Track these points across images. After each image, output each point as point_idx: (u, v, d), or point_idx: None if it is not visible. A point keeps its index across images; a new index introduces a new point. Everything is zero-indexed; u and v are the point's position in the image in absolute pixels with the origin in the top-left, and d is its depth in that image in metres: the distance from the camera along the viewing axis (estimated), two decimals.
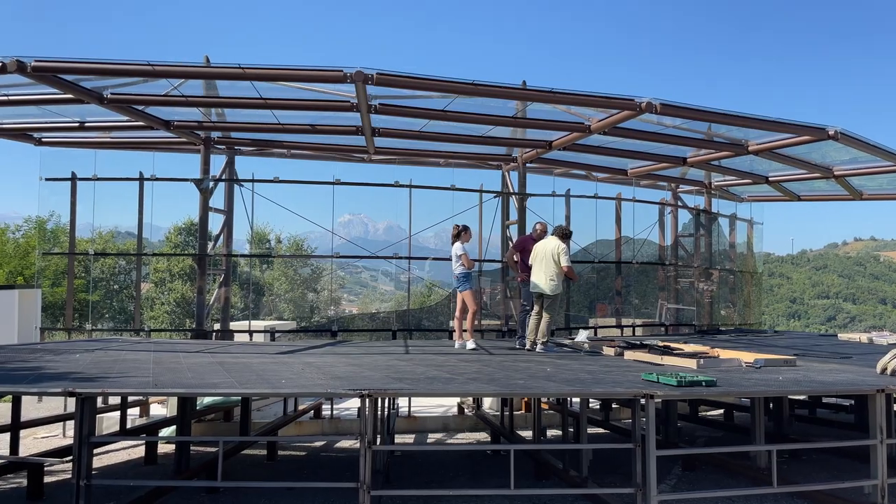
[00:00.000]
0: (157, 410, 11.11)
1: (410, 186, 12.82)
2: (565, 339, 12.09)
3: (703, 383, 6.10)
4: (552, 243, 9.68)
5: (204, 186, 12.10)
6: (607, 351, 9.60)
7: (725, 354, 8.38)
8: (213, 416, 10.25)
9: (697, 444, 9.79)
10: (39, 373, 6.70)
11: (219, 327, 12.97)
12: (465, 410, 11.41)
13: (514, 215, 13.35)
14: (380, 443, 6.76)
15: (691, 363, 7.63)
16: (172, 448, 8.97)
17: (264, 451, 9.17)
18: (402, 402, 11.21)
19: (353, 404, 11.47)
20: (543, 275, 9.60)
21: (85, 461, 5.41)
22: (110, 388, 5.99)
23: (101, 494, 6.56)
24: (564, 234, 9.87)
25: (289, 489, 7.19)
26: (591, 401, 10.45)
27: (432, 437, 10.70)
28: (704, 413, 11.65)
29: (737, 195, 17.28)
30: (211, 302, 12.82)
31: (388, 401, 8.39)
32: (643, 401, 5.72)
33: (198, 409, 9.53)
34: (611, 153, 12.56)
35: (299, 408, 10.59)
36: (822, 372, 7.39)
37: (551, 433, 10.22)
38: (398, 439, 10.06)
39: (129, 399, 9.74)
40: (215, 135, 12.31)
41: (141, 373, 6.86)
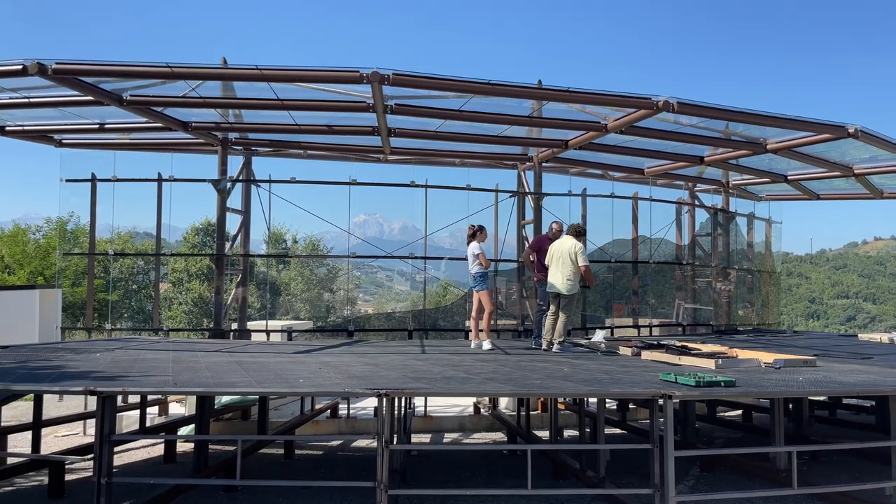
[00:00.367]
0: (176, 409, 11.21)
1: (426, 186, 12.84)
2: (582, 339, 12.05)
3: (722, 384, 6.05)
4: (568, 243, 9.63)
5: (221, 187, 12.19)
6: (624, 351, 9.55)
7: (744, 355, 8.31)
8: (230, 415, 10.33)
9: (715, 445, 9.73)
10: (61, 372, 6.78)
11: (236, 327, 13.06)
12: (482, 410, 11.40)
13: (529, 215, 13.33)
14: (396, 442, 6.78)
15: (709, 363, 7.58)
16: (191, 447, 9.05)
17: (281, 451, 9.23)
18: (419, 402, 11.24)
19: (370, 404, 11.51)
20: (560, 274, 9.55)
21: (106, 459, 5.46)
22: (131, 386, 6.06)
23: (121, 492, 6.61)
24: (578, 232, 9.80)
25: (306, 488, 7.23)
26: (607, 401, 10.41)
27: (448, 437, 10.70)
28: (722, 414, 11.55)
29: (755, 194, 17.13)
30: (228, 302, 12.91)
31: (404, 400, 8.41)
32: (661, 401, 5.68)
33: (216, 408, 9.60)
34: (627, 152, 12.50)
35: (316, 407, 10.63)
36: (843, 373, 7.30)
37: (568, 433, 10.20)
38: (414, 439, 10.08)
39: (149, 398, 9.84)
40: (233, 136, 12.39)
41: (160, 372, 6.92)
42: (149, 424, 9.83)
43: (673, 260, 16.07)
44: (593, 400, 7.90)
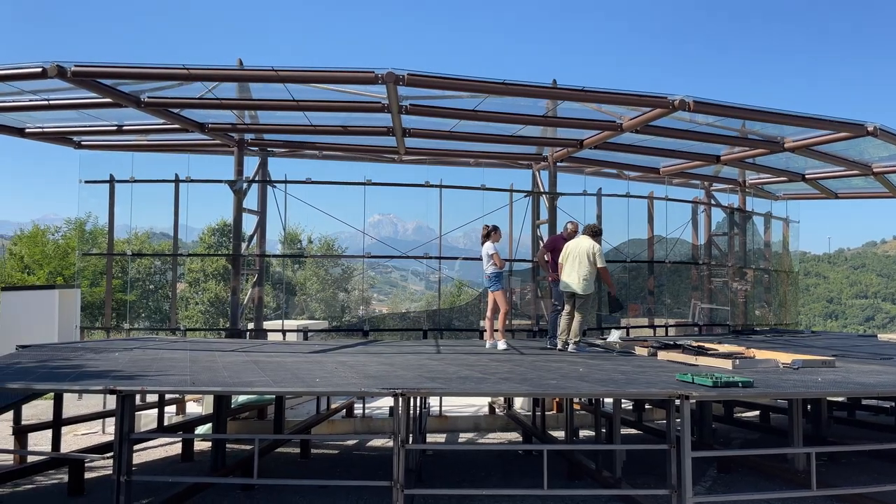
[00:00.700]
0: (193, 408, 11.31)
1: (441, 186, 12.85)
2: (597, 339, 12.01)
3: (740, 384, 6.01)
4: (585, 243, 9.57)
5: (238, 187, 12.28)
6: (640, 351, 9.51)
7: (761, 355, 8.24)
8: (247, 415, 10.40)
9: (733, 446, 9.66)
10: (81, 371, 6.86)
11: (252, 326, 13.14)
12: (497, 410, 11.40)
13: (544, 215, 13.30)
14: (412, 442, 6.79)
15: (726, 364, 7.52)
16: (208, 445, 9.12)
17: (298, 450, 9.28)
18: (433, 402, 11.25)
19: (385, 403, 11.54)
20: (576, 274, 9.51)
21: (125, 457, 5.52)
22: (149, 386, 6.11)
23: (140, 490, 6.69)
24: (595, 232, 9.75)
25: (323, 487, 7.27)
26: (623, 401, 10.38)
27: (463, 437, 10.71)
28: (740, 414, 11.48)
29: (772, 193, 16.99)
30: (245, 301, 12.99)
31: (419, 400, 8.42)
32: (678, 401, 5.66)
33: (232, 407, 9.66)
34: (643, 151, 12.45)
35: (332, 406, 10.67)
36: (862, 373, 7.22)
37: (583, 433, 10.17)
38: (429, 438, 10.10)
39: (166, 397, 9.93)
40: (248, 137, 12.47)
41: (178, 371, 6.98)
42: (166, 423, 9.92)
43: (689, 260, 15.99)
44: (609, 400, 7.88)
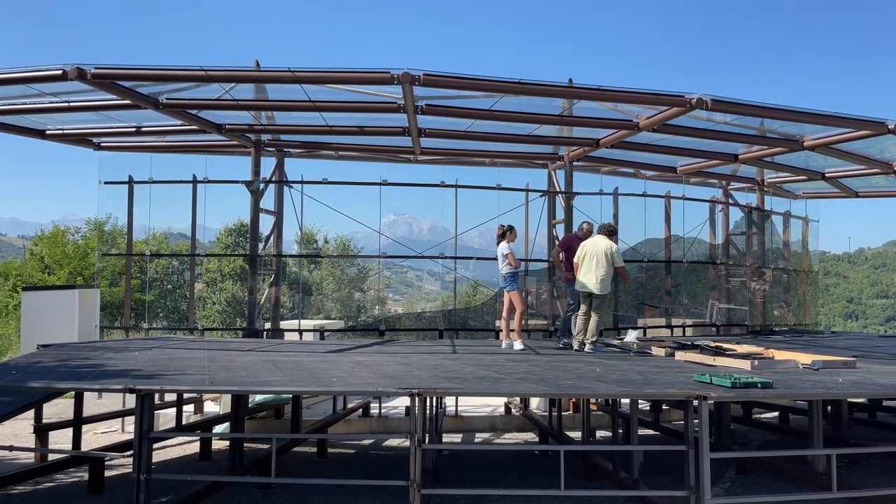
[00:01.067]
0: (211, 407, 11.39)
1: (456, 186, 12.84)
2: (614, 339, 11.96)
3: (759, 385, 5.96)
4: (602, 242, 9.57)
5: (255, 188, 12.34)
6: (657, 351, 9.46)
7: (781, 356, 8.17)
8: (264, 414, 10.45)
9: (751, 448, 9.59)
10: (101, 370, 6.93)
11: (269, 326, 13.21)
12: (513, 410, 11.38)
13: (560, 214, 13.25)
14: (428, 442, 6.80)
15: (745, 364, 7.47)
16: (225, 444, 9.18)
17: (314, 449, 9.32)
18: (449, 402, 11.25)
19: (401, 403, 11.57)
20: (593, 274, 9.49)
21: (145, 455, 5.58)
22: (168, 385, 6.16)
23: (159, 488, 6.74)
24: (611, 232, 9.79)
25: (340, 486, 7.29)
26: (640, 402, 10.32)
27: (479, 437, 10.70)
28: (758, 416, 11.38)
29: (791, 192, 16.82)
30: (262, 301, 13.06)
31: (435, 400, 8.43)
32: (696, 402, 5.62)
33: (249, 406, 9.72)
34: (659, 151, 12.37)
35: (348, 406, 10.71)
36: (884, 374, 7.14)
37: (600, 434, 10.13)
38: (445, 438, 10.10)
39: (185, 396, 10.00)
40: (265, 137, 12.53)
41: (197, 370, 7.04)
42: (184, 422, 10.00)
43: (706, 259, 15.86)
44: (626, 401, 7.83)
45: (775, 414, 11.27)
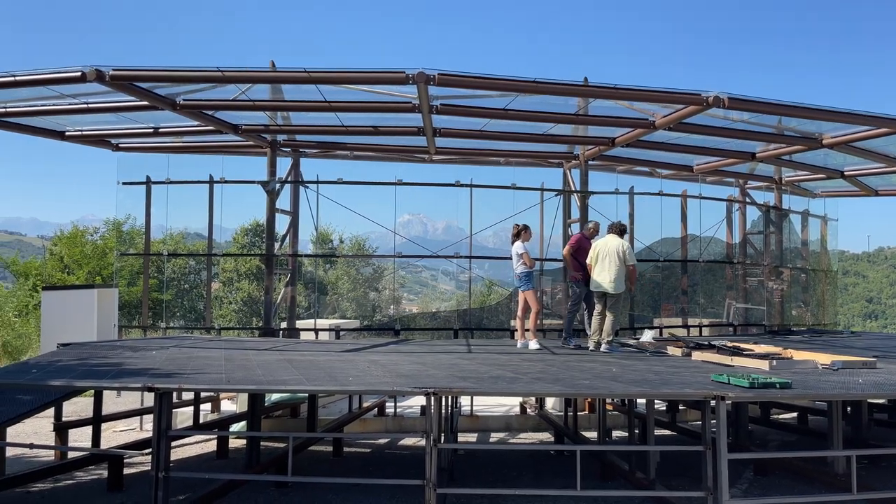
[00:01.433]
0: (227, 406, 11.47)
1: (471, 186, 12.83)
2: (630, 339, 11.90)
3: (777, 385, 5.91)
4: (614, 242, 9.60)
5: (270, 188, 12.41)
6: (674, 351, 9.41)
7: (799, 356, 8.10)
8: (280, 413, 10.50)
9: (770, 448, 9.50)
10: (120, 369, 7.00)
11: (285, 325, 13.28)
12: (528, 410, 11.36)
13: (575, 214, 13.20)
14: (444, 441, 6.80)
15: (763, 364, 7.40)
16: (242, 443, 9.25)
17: (330, 448, 9.35)
18: (464, 401, 11.25)
19: (416, 402, 11.58)
20: (607, 274, 9.51)
21: (163, 454, 5.62)
22: (186, 383, 6.21)
23: (177, 486, 6.80)
24: (622, 230, 9.85)
25: (356, 485, 7.31)
26: (656, 402, 10.27)
27: (495, 437, 10.69)
28: (776, 416, 11.27)
29: (809, 190, 16.65)
30: (278, 301, 13.13)
31: (451, 399, 8.43)
32: (713, 402, 5.58)
33: (265, 405, 9.77)
34: (676, 149, 12.29)
35: (363, 405, 10.74)
36: None
37: (616, 434, 10.08)
38: (461, 438, 10.10)
39: (202, 395, 10.08)
40: (281, 138, 12.59)
41: (214, 369, 7.09)
42: (202, 421, 10.07)
43: (723, 259, 15.75)
44: (642, 401, 7.80)
45: (794, 415, 11.16)
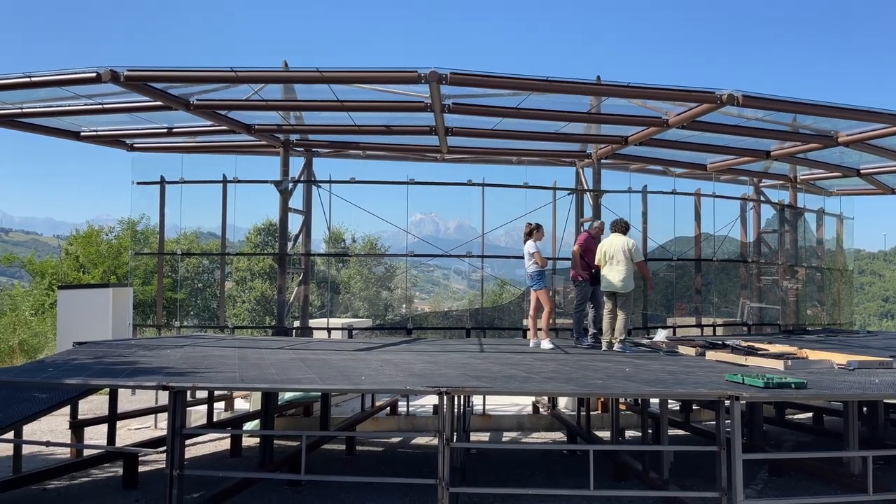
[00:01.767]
0: (241, 405, 11.53)
1: (483, 185, 12.81)
2: (643, 338, 11.85)
3: (793, 385, 5.86)
4: (619, 240, 9.64)
5: (283, 188, 12.46)
6: (687, 351, 9.35)
7: (815, 355, 8.02)
8: (293, 412, 10.54)
9: (784, 449, 9.43)
10: (135, 367, 7.05)
11: (298, 324, 13.33)
12: (541, 409, 11.33)
13: (588, 213, 13.16)
14: (456, 440, 6.80)
15: (778, 364, 7.35)
16: (255, 441, 9.29)
17: (343, 447, 9.38)
18: (477, 401, 11.24)
19: (429, 401, 11.59)
20: (616, 273, 9.52)
21: (177, 452, 5.66)
22: (200, 382, 6.24)
23: (191, 484, 6.84)
24: (626, 228, 9.89)
25: (369, 484, 7.33)
26: (669, 401, 10.22)
27: (507, 436, 10.68)
28: (791, 417, 11.19)
29: (825, 189, 16.50)
30: (291, 300, 13.18)
31: (463, 398, 8.43)
32: (728, 402, 5.55)
33: (279, 404, 9.81)
34: (689, 148, 12.22)
35: (376, 404, 10.76)
36: None
37: (629, 434, 10.05)
38: (473, 437, 10.09)
39: (216, 393, 10.14)
40: (294, 137, 12.64)
41: (227, 368, 7.12)
42: (215, 420, 10.13)
43: (737, 258, 15.64)
44: (655, 400, 7.76)
45: (809, 415, 11.08)
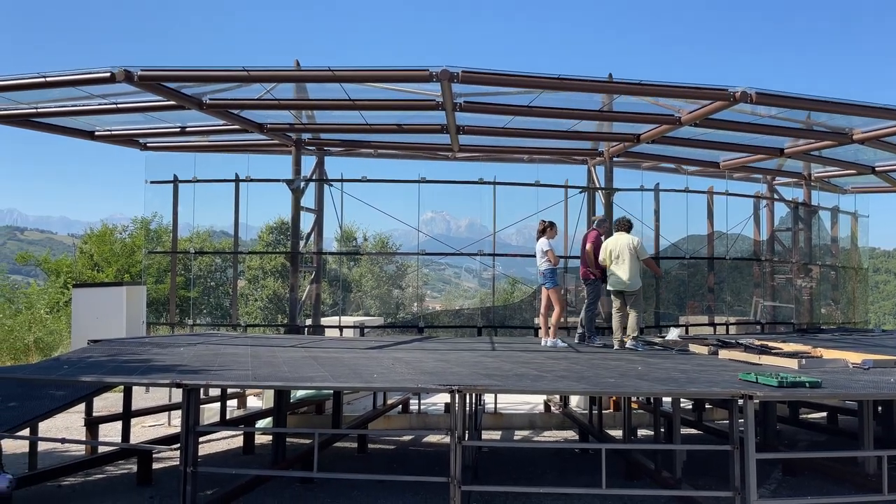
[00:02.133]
0: (253, 402, 11.58)
1: (495, 183, 12.81)
2: (656, 337, 11.80)
3: (807, 384, 5.82)
4: (623, 238, 9.67)
5: (295, 186, 12.50)
6: (700, 350, 9.31)
7: (829, 354, 7.96)
8: (305, 410, 10.58)
9: (798, 448, 9.37)
10: (149, 365, 7.10)
11: (310, 323, 13.38)
12: (552, 408, 11.32)
13: (600, 211, 13.12)
14: (468, 438, 6.81)
15: (792, 363, 7.30)
16: (267, 439, 9.34)
17: (355, 444, 9.40)
18: (488, 399, 11.24)
19: (440, 399, 11.61)
20: (622, 271, 9.53)
21: (191, 449, 5.70)
22: (214, 380, 6.28)
23: (204, 481, 6.87)
24: (630, 226, 9.93)
25: (380, 481, 7.35)
26: (682, 400, 10.17)
27: (518, 435, 10.68)
28: (805, 416, 11.11)
29: (839, 186, 16.37)
30: (303, 298, 13.23)
31: (475, 397, 8.43)
32: (741, 401, 5.52)
33: (291, 401, 9.85)
34: (702, 145, 12.16)
35: (388, 402, 10.78)
36: None
37: (641, 433, 10.02)
38: (484, 435, 10.09)
39: (229, 391, 10.19)
40: (306, 136, 12.69)
41: (240, 366, 7.16)
42: (228, 417, 10.18)
43: (750, 256, 15.55)
44: (667, 399, 7.73)
45: (823, 414, 10.99)
